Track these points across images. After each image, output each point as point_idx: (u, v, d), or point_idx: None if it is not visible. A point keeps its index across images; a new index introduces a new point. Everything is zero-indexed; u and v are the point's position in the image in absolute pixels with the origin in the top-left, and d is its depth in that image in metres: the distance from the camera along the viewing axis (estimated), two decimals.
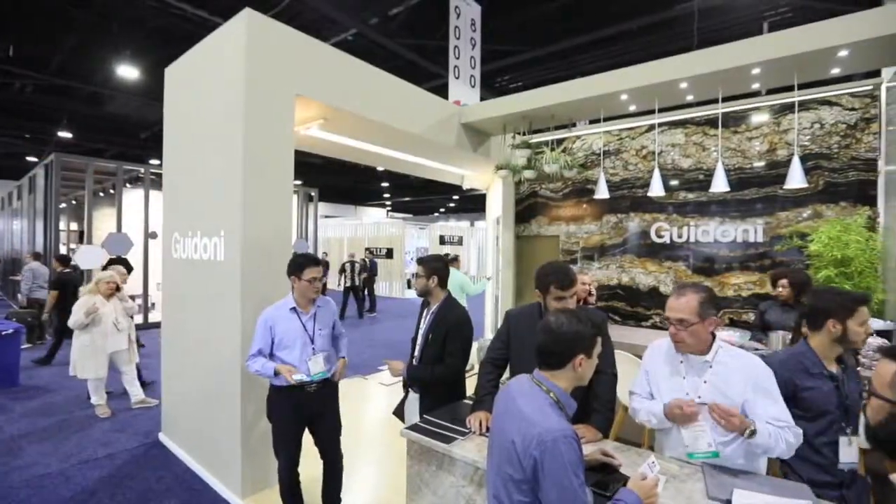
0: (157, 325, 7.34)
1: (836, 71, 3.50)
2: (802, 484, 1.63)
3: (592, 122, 5.43)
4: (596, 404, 2.05)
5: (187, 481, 3.27)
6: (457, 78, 5.99)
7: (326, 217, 22.90)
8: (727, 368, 1.74)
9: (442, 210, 29.48)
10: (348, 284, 11.12)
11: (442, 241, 15.49)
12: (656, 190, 4.18)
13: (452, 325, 2.46)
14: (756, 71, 3.51)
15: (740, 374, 1.71)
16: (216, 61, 3.35)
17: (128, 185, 10.30)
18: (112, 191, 9.74)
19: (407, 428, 2.14)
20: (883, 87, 4.02)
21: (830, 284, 3.75)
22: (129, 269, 8.36)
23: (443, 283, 2.55)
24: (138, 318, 8.75)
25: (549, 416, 1.31)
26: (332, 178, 18.45)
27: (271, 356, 2.50)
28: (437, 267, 2.54)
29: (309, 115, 3.92)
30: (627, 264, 5.48)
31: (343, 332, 2.85)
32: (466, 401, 2.44)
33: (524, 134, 4.87)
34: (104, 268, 7.38)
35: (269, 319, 2.50)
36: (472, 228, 17.94)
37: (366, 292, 11.69)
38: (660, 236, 5.26)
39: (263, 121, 3.09)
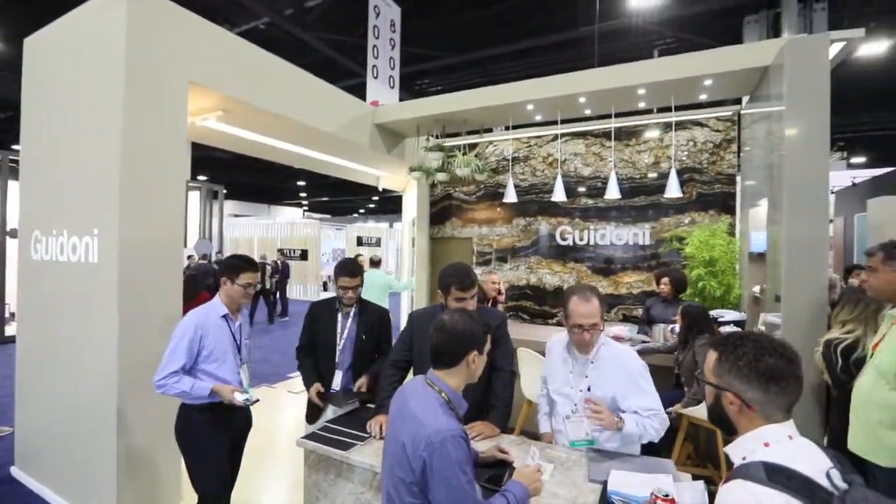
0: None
1: (703, 97, 4.02)
2: (668, 460, 1.83)
3: (515, 128, 5.68)
4: (495, 401, 2.13)
5: None
6: (375, 78, 5.92)
7: (235, 216, 21.36)
8: (605, 365, 1.90)
9: (361, 211, 28.91)
10: (258, 288, 10.47)
11: (360, 242, 15.17)
12: (559, 195, 4.47)
13: (384, 319, 2.65)
14: (641, 91, 3.91)
15: (616, 370, 1.88)
16: (90, 36, 2.95)
17: None
18: None
19: (304, 437, 2.05)
20: (740, 114, 4.69)
21: (700, 281, 4.28)
22: None
23: None
24: None
25: (439, 416, 1.32)
26: (243, 175, 17.22)
27: (189, 371, 2.15)
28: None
29: (206, 106, 3.62)
30: (535, 265, 5.79)
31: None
32: (369, 405, 2.40)
33: (438, 137, 4.94)
34: None
35: (199, 327, 2.12)
36: (390, 230, 17.81)
37: (277, 296, 11.10)
38: (564, 239, 5.63)
39: (148, 108, 2.79)
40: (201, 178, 15.52)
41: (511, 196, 4.71)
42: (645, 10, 7.08)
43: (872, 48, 7.40)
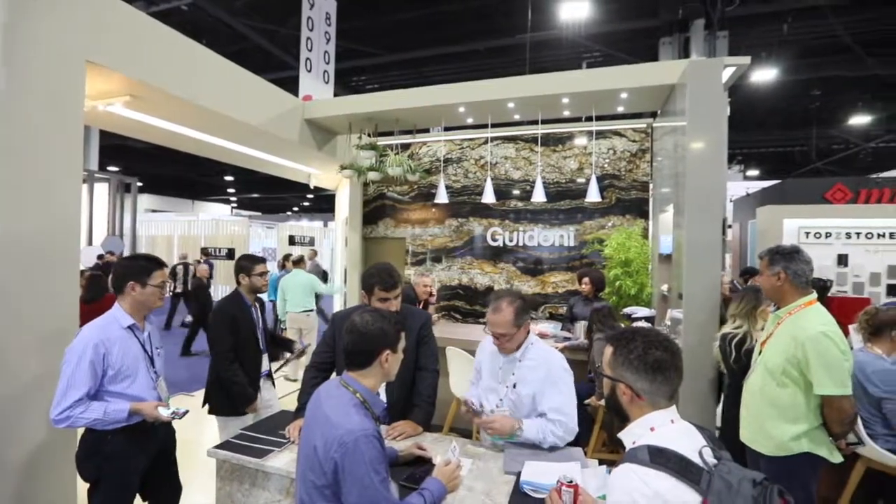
0: None
1: (620, 108, 4.33)
2: (578, 448, 1.94)
3: (448, 129, 5.72)
4: (417, 399, 2.15)
5: None
6: (309, 71, 5.71)
7: (153, 211, 19.67)
8: (530, 364, 1.97)
9: (295, 209, 27.85)
10: (179, 290, 9.71)
11: (292, 241, 14.58)
12: (489, 197, 4.60)
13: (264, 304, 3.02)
14: (565, 100, 4.12)
15: (540, 369, 1.95)
16: None
17: None
18: None
19: (215, 446, 1.93)
20: (652, 126, 5.10)
21: (617, 280, 4.60)
22: None
23: None
24: None
25: (352, 417, 1.31)
26: (162, 167, 15.92)
27: (94, 395, 1.88)
28: None
29: (110, 89, 3.30)
30: (467, 266, 5.90)
31: None
32: (287, 410, 2.32)
33: (370, 135, 4.88)
34: None
35: (99, 345, 1.86)
36: (325, 229, 17.31)
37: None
38: (494, 240, 5.80)
39: (33, 87, 2.47)
40: (112, 168, 14.14)
41: (442, 197, 4.77)
42: (574, 23, 7.49)
43: (764, 75, 8.39)
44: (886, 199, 6.30)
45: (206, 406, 2.78)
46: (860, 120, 10.89)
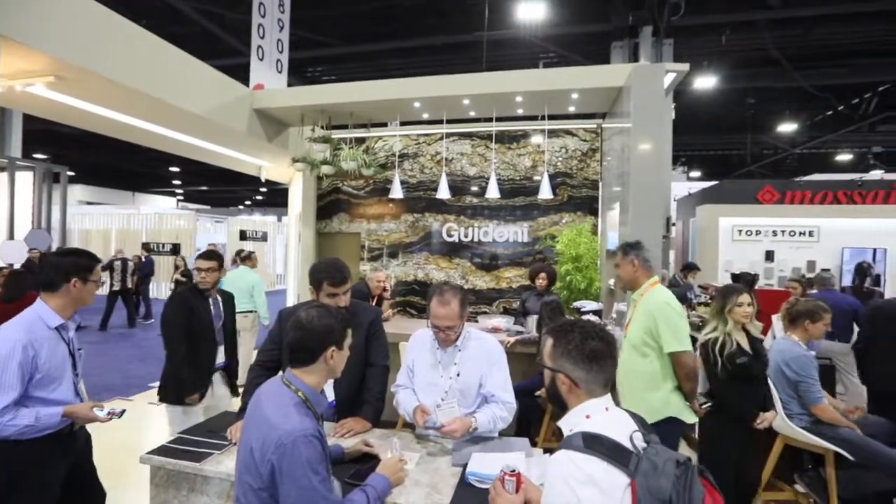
0: None
1: (572, 108, 4.46)
2: (524, 439, 2.00)
3: (403, 124, 5.66)
4: (367, 396, 2.12)
5: None
6: (260, 59, 5.48)
7: (88, 203, 18.29)
8: (471, 350, 2.02)
9: (248, 203, 26.76)
10: (117, 287, 9.11)
11: (243, 236, 14.01)
12: (444, 193, 4.61)
13: (232, 301, 2.98)
14: (519, 98, 4.20)
15: (480, 353, 2.00)
16: None
17: None
18: None
19: (150, 452, 1.83)
20: (602, 126, 5.29)
21: (568, 275, 4.75)
22: None
23: None
24: None
25: (291, 417, 1.27)
26: (98, 156, 14.78)
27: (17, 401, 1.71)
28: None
29: (30, 68, 3.03)
30: (423, 261, 5.90)
31: None
32: (230, 411, 2.24)
33: (324, 128, 4.76)
34: None
35: (28, 347, 1.70)
36: (278, 224, 16.75)
37: (139, 296, 9.80)
38: (450, 236, 5.83)
39: None
40: (39, 156, 12.99)
41: (397, 192, 4.74)
42: (531, 23, 7.61)
43: (705, 82, 8.89)
44: (808, 200, 6.88)
45: (158, 396, 2.82)
46: (787, 127, 11.81)
